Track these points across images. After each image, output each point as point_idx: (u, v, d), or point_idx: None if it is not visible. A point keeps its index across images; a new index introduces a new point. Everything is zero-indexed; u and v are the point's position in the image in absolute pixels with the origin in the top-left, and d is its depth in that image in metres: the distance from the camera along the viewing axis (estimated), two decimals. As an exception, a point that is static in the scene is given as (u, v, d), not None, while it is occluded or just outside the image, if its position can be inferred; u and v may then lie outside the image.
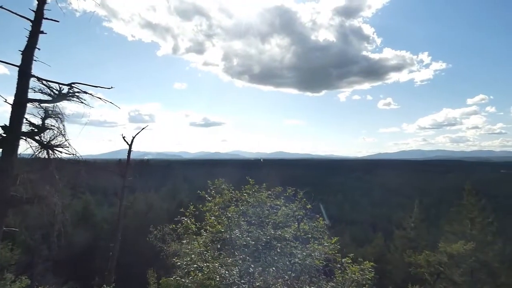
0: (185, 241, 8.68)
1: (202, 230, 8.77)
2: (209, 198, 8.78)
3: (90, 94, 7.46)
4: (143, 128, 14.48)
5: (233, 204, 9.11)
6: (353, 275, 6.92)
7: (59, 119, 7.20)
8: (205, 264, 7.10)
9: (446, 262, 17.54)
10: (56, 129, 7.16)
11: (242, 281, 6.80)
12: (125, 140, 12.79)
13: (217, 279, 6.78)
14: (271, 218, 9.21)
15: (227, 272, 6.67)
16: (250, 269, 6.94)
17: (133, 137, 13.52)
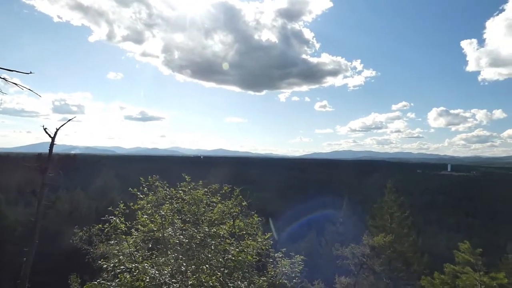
0: (112, 242, 8.10)
1: (133, 230, 8.29)
2: (141, 196, 8.36)
3: (3, 78, 6.51)
4: (70, 120, 13.15)
5: (167, 202, 8.81)
6: (283, 269, 7.19)
7: (-40, 105, 6.15)
8: (134, 265, 6.71)
9: (369, 254, 19.24)
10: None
11: (174, 280, 6.59)
12: (46, 132, 11.46)
13: (147, 280, 6.47)
14: (207, 216, 9.12)
15: (157, 272, 6.39)
16: (182, 267, 6.77)
17: (57, 129, 12.17)
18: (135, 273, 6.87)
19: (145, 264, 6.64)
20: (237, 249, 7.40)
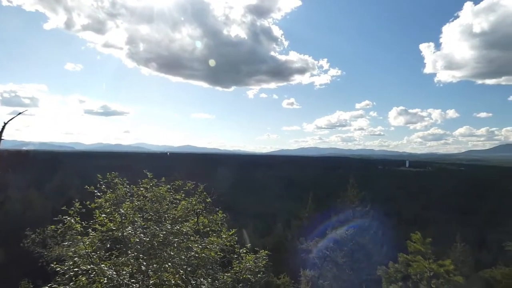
0: (67, 243, 7.63)
1: (90, 230, 7.86)
2: (99, 194, 7.95)
3: None
4: (20, 113, 12.23)
5: (128, 200, 8.46)
6: (247, 264, 7.20)
7: None
8: (90, 267, 6.37)
9: (332, 247, 19.89)
10: None
11: (133, 281, 6.35)
12: (-8, 127, 10.55)
13: (104, 282, 6.18)
14: (170, 213, 8.89)
15: (115, 273, 6.11)
16: (143, 267, 6.54)
17: (5, 123, 11.24)
18: (91, 275, 6.54)
19: (102, 265, 6.33)
20: (200, 246, 7.28)
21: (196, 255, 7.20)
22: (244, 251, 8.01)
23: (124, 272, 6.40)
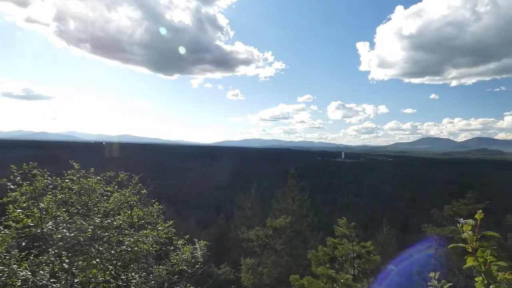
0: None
1: (1, 227, 6.94)
2: (13, 187, 7.02)
3: None
4: None
5: (50, 193, 7.64)
6: (183, 255, 7.03)
7: None
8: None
9: (271, 235, 20.53)
10: None
11: (54, 280, 5.77)
12: None
13: (18, 284, 5.51)
14: (101, 206, 8.27)
15: (30, 273, 5.49)
16: (66, 265, 5.97)
17: None
18: (2, 278, 5.79)
19: (14, 266, 5.63)
20: (132, 240, 6.90)
21: (128, 249, 6.81)
22: (182, 242, 7.82)
23: (42, 272, 5.78)
